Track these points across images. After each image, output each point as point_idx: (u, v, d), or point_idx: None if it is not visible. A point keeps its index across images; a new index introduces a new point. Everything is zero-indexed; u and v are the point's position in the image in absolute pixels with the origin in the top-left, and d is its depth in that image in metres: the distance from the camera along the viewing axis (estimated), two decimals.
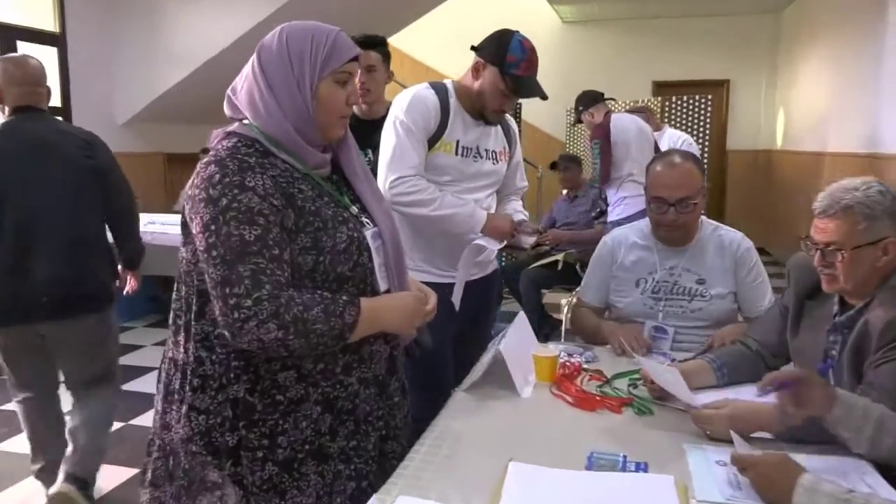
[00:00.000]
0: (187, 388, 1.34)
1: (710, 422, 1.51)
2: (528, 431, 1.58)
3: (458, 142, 2.20)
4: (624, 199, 4.04)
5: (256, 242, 1.25)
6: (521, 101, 4.45)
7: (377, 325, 1.38)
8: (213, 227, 1.26)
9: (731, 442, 1.44)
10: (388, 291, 1.46)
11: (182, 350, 1.37)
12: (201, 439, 1.32)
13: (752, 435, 1.49)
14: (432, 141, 2.17)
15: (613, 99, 4.44)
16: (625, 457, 1.41)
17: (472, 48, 2.19)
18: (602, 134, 3.97)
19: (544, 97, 2.18)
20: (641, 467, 1.38)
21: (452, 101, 2.20)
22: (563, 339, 2.83)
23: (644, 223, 2.35)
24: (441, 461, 1.42)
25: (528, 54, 2.13)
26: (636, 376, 1.90)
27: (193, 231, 1.31)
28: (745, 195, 8.49)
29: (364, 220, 1.46)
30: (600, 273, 2.36)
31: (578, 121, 4.27)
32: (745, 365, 1.85)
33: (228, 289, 1.23)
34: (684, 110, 6.97)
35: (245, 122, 1.39)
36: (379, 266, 1.45)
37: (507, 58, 2.10)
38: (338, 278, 1.35)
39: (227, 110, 1.43)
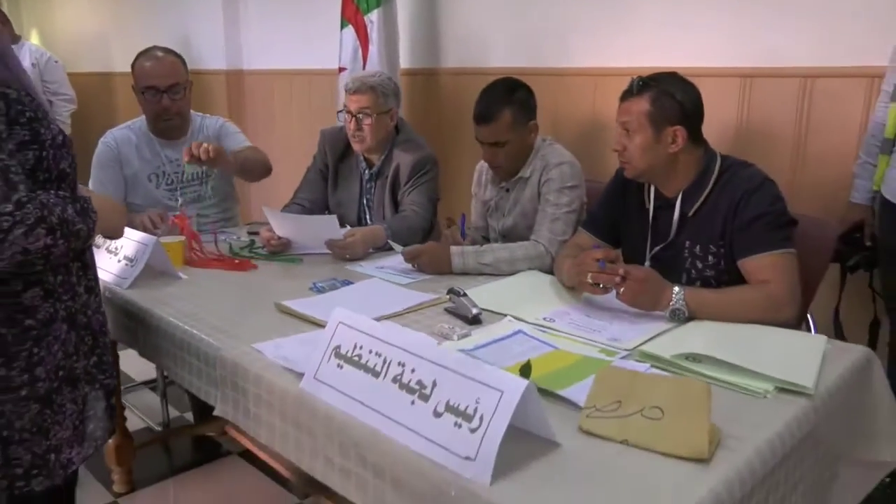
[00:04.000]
0: None
1: (350, 248, 2.03)
2: (241, 302, 1.74)
3: None
4: None
5: None
6: None
7: (104, 224, 1.34)
8: None
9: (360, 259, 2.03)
10: None
11: None
12: None
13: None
14: None
15: None
16: (336, 279, 1.84)
17: None
18: None
19: None
20: (349, 282, 1.82)
21: None
22: None
23: (138, 123, 2.48)
24: (226, 327, 1.53)
25: None
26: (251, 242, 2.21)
27: None
28: None
29: None
30: (110, 174, 2.41)
31: None
32: None
33: None
34: None
35: None
36: None
37: None
38: (59, 176, 1.24)
39: None
